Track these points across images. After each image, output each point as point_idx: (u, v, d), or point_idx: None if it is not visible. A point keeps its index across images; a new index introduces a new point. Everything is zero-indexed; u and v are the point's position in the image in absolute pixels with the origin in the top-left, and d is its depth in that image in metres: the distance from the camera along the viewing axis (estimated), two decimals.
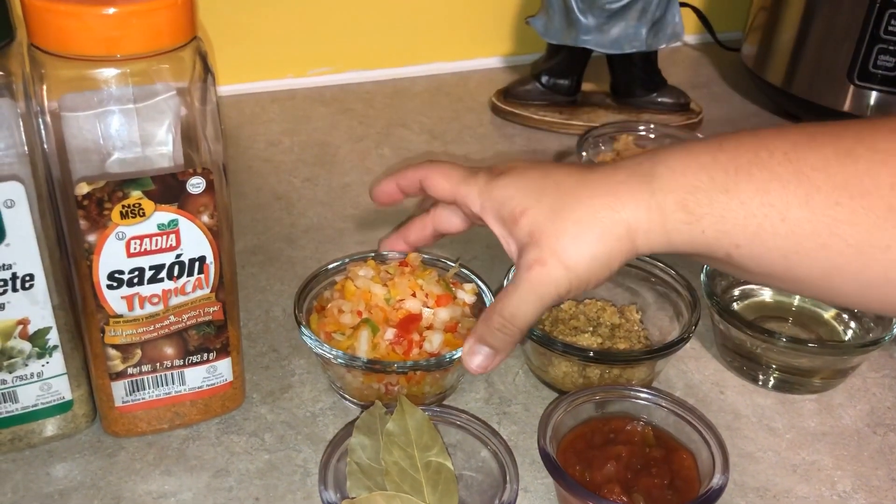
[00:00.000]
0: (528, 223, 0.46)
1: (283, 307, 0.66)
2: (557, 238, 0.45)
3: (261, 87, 1.03)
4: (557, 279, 0.45)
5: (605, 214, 0.44)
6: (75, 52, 0.42)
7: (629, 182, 0.45)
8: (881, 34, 0.88)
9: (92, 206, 0.44)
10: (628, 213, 0.44)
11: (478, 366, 0.50)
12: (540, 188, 0.47)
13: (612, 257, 0.45)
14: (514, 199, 0.47)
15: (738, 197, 0.42)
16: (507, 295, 0.48)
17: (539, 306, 0.47)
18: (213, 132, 0.47)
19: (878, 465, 0.54)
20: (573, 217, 0.45)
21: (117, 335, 0.49)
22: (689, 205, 0.43)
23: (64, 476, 0.51)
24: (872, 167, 0.39)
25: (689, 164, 0.44)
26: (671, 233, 0.44)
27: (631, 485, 0.46)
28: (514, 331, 0.48)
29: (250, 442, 0.54)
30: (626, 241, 0.45)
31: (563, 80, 0.98)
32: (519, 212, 0.47)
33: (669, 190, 0.44)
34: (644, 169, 0.45)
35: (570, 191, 0.46)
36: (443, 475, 0.46)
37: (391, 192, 0.56)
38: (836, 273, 0.41)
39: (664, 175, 0.44)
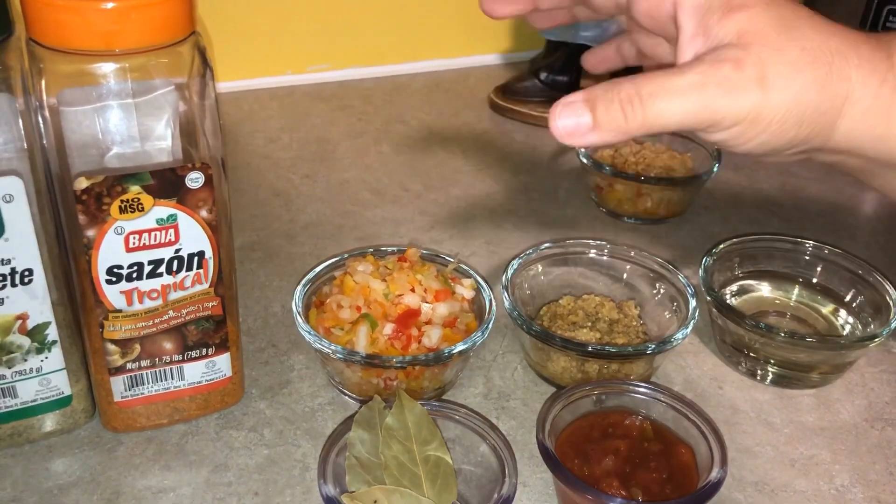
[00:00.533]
0: (743, 20, 0.36)
1: (282, 303, 0.66)
2: (774, 52, 0.35)
3: (260, 83, 1.03)
4: (744, 95, 0.35)
5: (838, 61, 0.36)
6: (74, 47, 0.42)
7: (871, 43, 0.37)
8: (879, 30, 0.88)
9: (91, 201, 0.44)
10: (858, 76, 0.36)
11: (563, 126, 0.37)
12: (775, 1, 0.37)
13: (814, 118, 0.36)
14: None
15: None
16: (665, 75, 0.36)
17: (693, 111, 0.35)
18: (212, 127, 0.47)
19: (876, 460, 0.54)
20: (803, 42, 0.35)
21: (116, 330, 0.49)
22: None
23: (63, 471, 0.51)
24: None
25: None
26: (892, 125, 0.36)
27: (629, 479, 0.46)
28: (637, 117, 0.35)
29: (249, 437, 0.54)
30: (834, 112, 0.36)
31: (561, 77, 0.98)
32: (738, 5, 0.36)
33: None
34: (883, 43, 0.37)
35: (807, 16, 0.37)
36: (442, 469, 0.46)
37: None
38: None
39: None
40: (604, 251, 0.64)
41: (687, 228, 0.79)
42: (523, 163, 0.89)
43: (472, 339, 0.54)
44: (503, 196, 0.82)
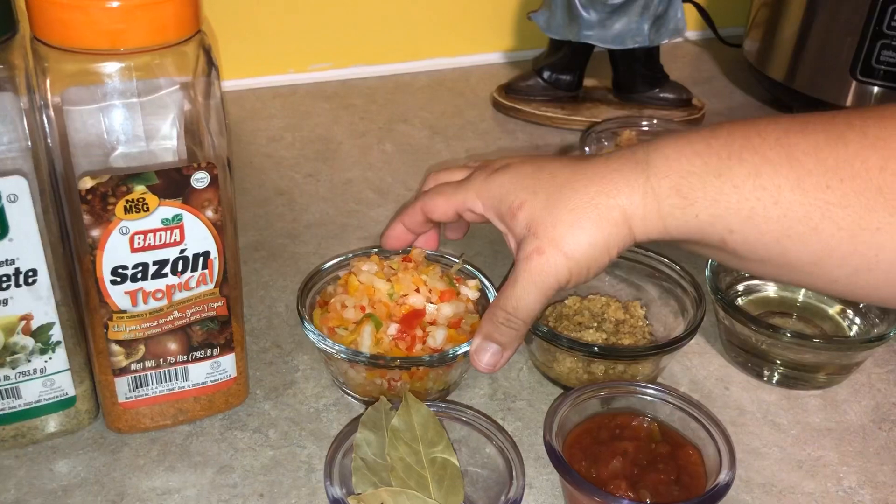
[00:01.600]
0: (525, 216, 0.47)
1: (286, 303, 0.66)
2: (554, 227, 0.46)
3: (262, 82, 1.03)
4: (557, 267, 0.46)
5: (601, 201, 0.45)
6: (79, 46, 0.41)
7: (623, 169, 0.45)
8: (884, 29, 0.88)
9: (95, 201, 0.44)
10: (623, 199, 0.45)
11: (486, 364, 0.50)
12: (535, 181, 0.47)
13: (610, 243, 0.46)
14: (510, 194, 0.48)
15: (731, 181, 0.42)
16: (508, 288, 0.48)
17: (541, 296, 0.47)
18: (218, 126, 0.47)
19: (884, 461, 0.54)
20: (569, 206, 0.45)
21: (121, 331, 0.48)
22: (682, 189, 0.43)
23: (67, 472, 0.51)
24: (862, 151, 0.40)
25: (683, 150, 0.44)
26: (666, 218, 0.44)
27: (637, 480, 0.46)
28: (518, 324, 0.48)
29: (254, 438, 0.54)
30: (623, 226, 0.45)
31: (565, 76, 0.97)
32: (517, 206, 0.47)
33: (663, 175, 0.44)
34: (639, 157, 0.45)
35: (565, 181, 0.46)
36: (448, 471, 0.46)
37: (401, 235, 0.57)
38: (828, 257, 0.41)
39: (658, 161, 0.44)
40: None
41: None
42: None
43: None
44: None
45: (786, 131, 0.42)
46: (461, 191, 0.51)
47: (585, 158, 0.48)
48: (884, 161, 0.39)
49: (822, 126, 0.42)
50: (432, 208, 0.53)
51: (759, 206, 0.42)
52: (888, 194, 0.39)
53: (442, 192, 0.52)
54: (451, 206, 0.52)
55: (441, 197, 0.52)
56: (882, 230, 0.39)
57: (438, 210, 0.52)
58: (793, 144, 0.41)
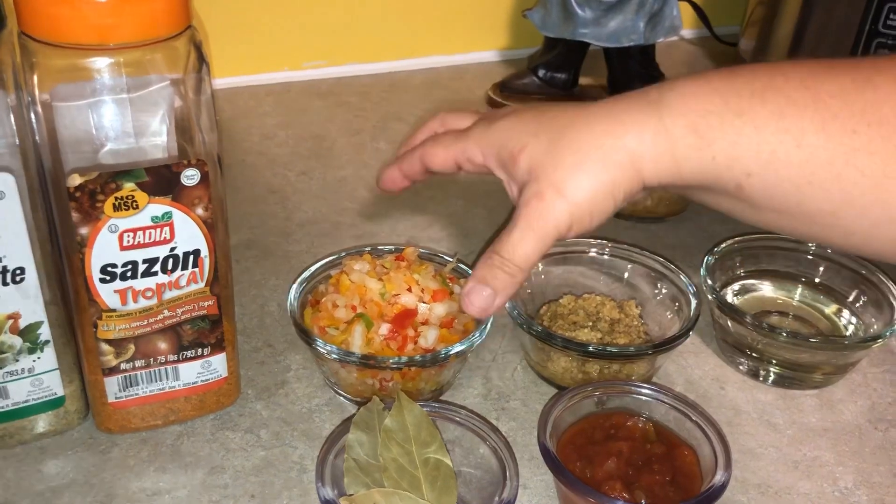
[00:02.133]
0: (526, 159, 0.44)
1: (279, 302, 0.65)
2: (555, 169, 0.43)
3: (256, 79, 1.02)
4: (557, 212, 0.43)
5: (606, 141, 0.42)
6: (67, 41, 0.41)
7: (633, 108, 0.42)
8: (880, 28, 0.87)
9: (84, 199, 0.43)
10: (632, 139, 0.41)
11: (478, 307, 0.46)
12: (537, 124, 0.45)
13: (616, 187, 0.42)
14: (511, 139, 0.45)
15: (753, 121, 0.40)
16: (506, 233, 0.45)
17: (539, 243, 0.44)
18: (208, 123, 0.46)
19: (880, 461, 0.54)
20: (572, 146, 0.42)
21: (110, 330, 0.48)
22: (699, 128, 0.40)
23: (56, 473, 0.50)
24: (892, 95, 0.38)
25: (701, 88, 0.41)
26: (680, 160, 0.41)
27: (632, 481, 0.46)
28: (514, 270, 0.45)
29: (245, 438, 0.53)
30: (631, 169, 0.42)
31: (560, 74, 0.97)
32: (517, 150, 0.44)
33: (679, 114, 0.41)
34: (651, 95, 0.42)
35: (569, 122, 0.43)
36: (441, 472, 0.46)
37: (397, 179, 0.53)
38: (848, 206, 0.39)
39: (673, 99, 0.41)
40: (604, 250, 0.64)
41: (687, 227, 0.78)
42: None
43: (470, 340, 0.54)
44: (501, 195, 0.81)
45: (811, 72, 0.40)
46: (461, 140, 0.48)
47: (591, 103, 0.45)
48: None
49: (849, 70, 0.39)
50: (431, 158, 0.50)
51: (781, 148, 0.39)
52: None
53: (441, 142, 0.49)
54: (450, 156, 0.49)
55: (440, 146, 0.49)
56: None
57: (437, 160, 0.50)
58: (818, 86, 0.39)
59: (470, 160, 0.48)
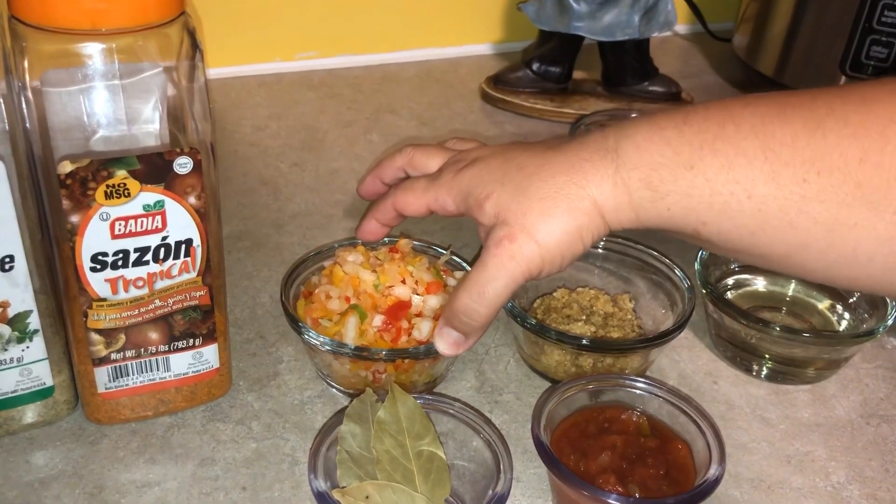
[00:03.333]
0: (492, 206, 0.45)
1: (271, 293, 0.65)
2: (524, 215, 0.44)
3: (247, 70, 1.01)
4: (529, 255, 0.44)
5: (571, 191, 0.43)
6: (58, 25, 0.40)
7: (594, 158, 0.44)
8: (874, 25, 0.87)
9: (75, 186, 0.43)
10: (594, 189, 0.43)
11: (447, 350, 0.49)
12: (503, 173, 0.46)
13: (584, 231, 0.44)
14: (477, 187, 0.46)
15: (704, 174, 0.41)
16: (475, 273, 0.46)
17: (510, 283, 0.45)
18: (201, 111, 0.46)
19: (872, 456, 0.54)
20: (538, 195, 0.44)
21: (100, 319, 0.47)
22: (653, 182, 0.42)
23: (44, 464, 0.49)
24: (842, 142, 0.38)
25: (653, 139, 0.42)
26: (638, 210, 0.43)
27: (626, 475, 0.46)
28: (481, 314, 0.46)
29: (237, 430, 0.53)
30: (595, 216, 0.44)
31: (554, 68, 0.97)
32: (483, 197, 0.46)
33: (633, 166, 0.42)
34: (609, 143, 0.44)
35: (533, 172, 0.45)
36: (435, 464, 0.45)
37: (375, 230, 0.55)
38: (804, 250, 0.40)
39: (628, 151, 0.43)
40: (598, 244, 0.63)
41: None
42: None
43: None
44: None
45: (762, 119, 0.40)
46: (432, 189, 0.50)
47: (555, 146, 0.46)
48: (863, 152, 0.38)
49: (802, 111, 0.40)
50: (404, 207, 0.51)
51: (733, 199, 0.40)
52: (866, 189, 0.38)
53: (413, 189, 0.51)
54: (422, 204, 0.50)
55: (412, 195, 0.51)
56: (860, 225, 0.38)
57: (411, 208, 0.51)
58: (769, 133, 0.40)
59: (442, 207, 0.49)
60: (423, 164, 0.52)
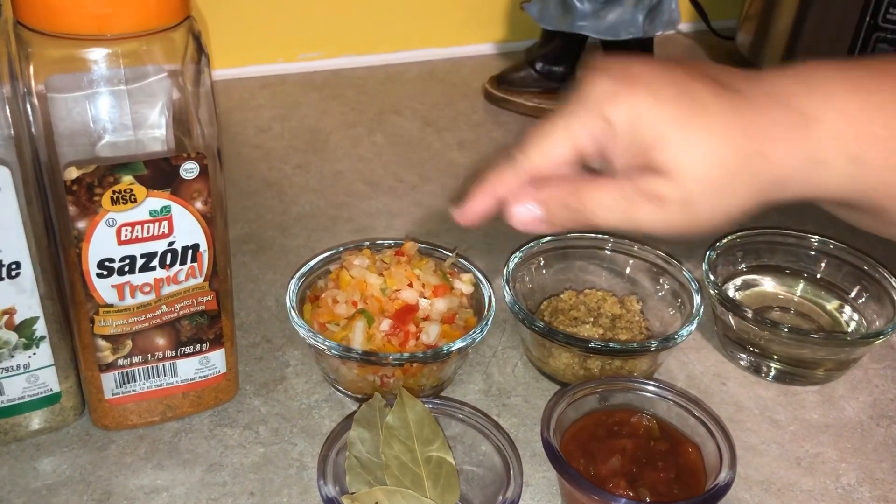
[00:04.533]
0: (664, 157, 0.37)
1: (276, 296, 0.65)
2: (697, 183, 0.37)
3: (250, 71, 1.01)
4: (674, 219, 0.38)
5: (759, 166, 0.36)
6: (63, 31, 0.40)
7: (785, 122, 0.36)
8: (879, 22, 0.87)
9: (81, 192, 0.43)
10: (781, 164, 0.36)
11: (521, 222, 0.41)
12: (681, 105, 0.37)
13: (745, 209, 0.38)
14: (646, 126, 0.37)
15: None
16: (601, 192, 0.39)
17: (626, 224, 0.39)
18: (208, 115, 0.45)
19: (883, 458, 0.53)
20: (724, 161, 0.36)
21: (107, 325, 0.47)
22: (865, 157, 0.36)
23: (52, 470, 0.49)
24: None
25: (864, 106, 0.36)
26: (825, 184, 0.37)
27: (636, 478, 0.45)
28: (581, 221, 0.40)
29: (244, 435, 0.52)
30: (769, 193, 0.37)
31: (557, 67, 0.96)
32: (653, 143, 0.37)
33: (840, 140, 0.36)
34: (802, 105, 0.36)
35: (721, 120, 0.37)
36: (444, 470, 0.45)
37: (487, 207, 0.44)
38: None
39: (832, 121, 0.36)
40: (605, 245, 0.63)
41: None
42: None
43: (472, 335, 0.53)
44: None
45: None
46: (575, 122, 0.39)
47: (736, 88, 0.37)
48: None
49: None
50: (542, 155, 0.40)
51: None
52: None
53: (550, 136, 0.40)
54: (571, 148, 0.40)
55: (552, 142, 0.40)
56: None
57: (552, 155, 0.40)
58: None
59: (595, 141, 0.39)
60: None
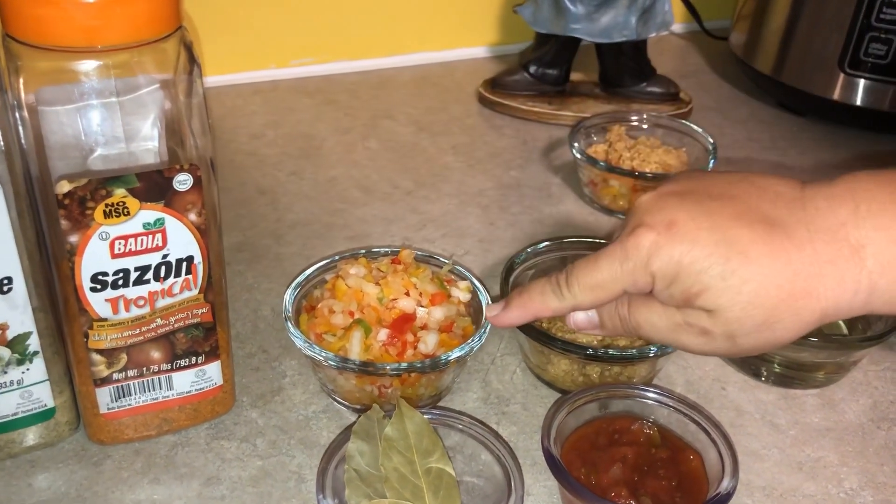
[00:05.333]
0: (705, 301, 0.39)
1: (272, 306, 0.64)
2: (739, 323, 0.38)
3: (242, 78, 1.01)
4: (716, 349, 0.40)
5: (805, 305, 0.37)
6: (53, 43, 0.39)
7: (837, 260, 0.37)
8: (873, 22, 0.87)
9: (73, 206, 0.42)
10: (829, 299, 0.37)
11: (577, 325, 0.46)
12: (720, 254, 0.38)
13: (791, 339, 0.39)
14: (688, 277, 0.39)
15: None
16: (654, 316, 0.41)
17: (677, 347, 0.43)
18: (200, 126, 0.45)
19: (884, 461, 0.53)
20: (767, 303, 0.37)
21: (101, 339, 0.47)
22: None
23: (47, 487, 0.49)
24: None
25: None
26: (874, 305, 0.38)
27: (638, 487, 0.45)
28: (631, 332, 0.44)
29: (242, 448, 0.52)
30: (816, 323, 0.38)
31: (551, 70, 0.96)
32: (695, 292, 0.39)
33: (889, 264, 0.37)
34: (852, 237, 0.37)
35: (764, 266, 0.37)
36: (444, 481, 0.45)
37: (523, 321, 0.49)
38: None
39: (884, 249, 0.36)
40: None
41: None
42: (515, 158, 0.87)
43: (470, 344, 0.53)
44: (495, 192, 0.81)
45: None
46: (628, 264, 0.41)
47: (778, 224, 0.38)
48: None
49: None
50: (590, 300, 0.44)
51: None
52: None
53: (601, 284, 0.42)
54: (616, 290, 0.42)
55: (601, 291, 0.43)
56: None
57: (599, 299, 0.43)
58: None
59: (634, 286, 0.41)
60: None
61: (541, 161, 0.87)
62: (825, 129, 0.96)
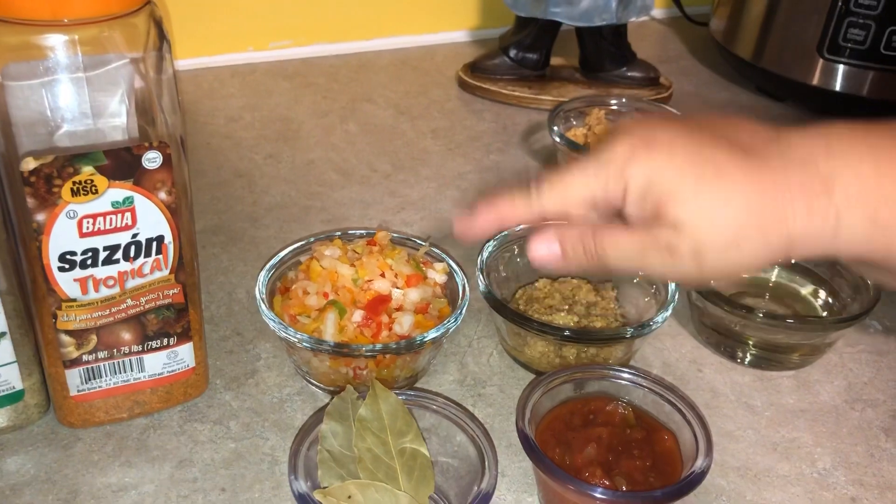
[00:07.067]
0: (676, 212, 0.38)
1: (247, 289, 0.64)
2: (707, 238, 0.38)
3: (220, 60, 1.00)
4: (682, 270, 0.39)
5: (773, 227, 0.38)
6: (18, 16, 0.39)
7: (807, 189, 0.37)
8: (851, 7, 0.87)
9: (40, 183, 0.41)
10: (799, 225, 0.37)
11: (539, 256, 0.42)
12: (695, 167, 0.38)
13: (756, 265, 0.39)
14: (661, 183, 0.39)
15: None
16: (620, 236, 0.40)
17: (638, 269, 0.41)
18: (170, 103, 0.44)
19: (857, 442, 0.53)
20: (736, 221, 0.38)
21: (70, 320, 0.46)
22: (881, 218, 0.37)
23: (16, 470, 0.48)
24: None
25: (882, 168, 0.37)
26: (842, 243, 0.38)
27: (612, 467, 0.45)
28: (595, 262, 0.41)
29: (215, 430, 0.51)
30: (782, 251, 0.38)
31: (531, 54, 0.96)
32: (666, 201, 0.38)
33: (858, 201, 0.37)
34: (822, 168, 0.38)
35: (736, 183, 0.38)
36: (418, 462, 0.44)
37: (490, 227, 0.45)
38: None
39: (851, 182, 0.37)
40: None
41: None
42: (494, 142, 0.87)
43: (445, 325, 0.52)
44: (474, 176, 0.80)
45: None
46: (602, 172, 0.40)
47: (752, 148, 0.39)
48: None
49: None
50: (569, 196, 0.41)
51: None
52: None
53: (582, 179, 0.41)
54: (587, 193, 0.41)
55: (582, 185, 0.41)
56: None
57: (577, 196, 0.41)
58: None
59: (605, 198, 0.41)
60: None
61: (520, 145, 0.87)
62: (804, 114, 0.96)
